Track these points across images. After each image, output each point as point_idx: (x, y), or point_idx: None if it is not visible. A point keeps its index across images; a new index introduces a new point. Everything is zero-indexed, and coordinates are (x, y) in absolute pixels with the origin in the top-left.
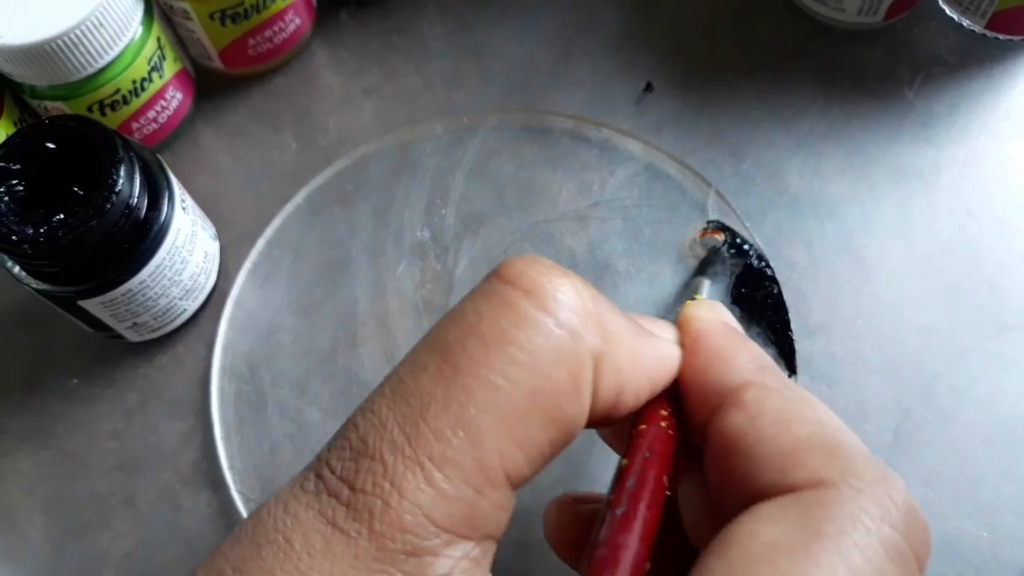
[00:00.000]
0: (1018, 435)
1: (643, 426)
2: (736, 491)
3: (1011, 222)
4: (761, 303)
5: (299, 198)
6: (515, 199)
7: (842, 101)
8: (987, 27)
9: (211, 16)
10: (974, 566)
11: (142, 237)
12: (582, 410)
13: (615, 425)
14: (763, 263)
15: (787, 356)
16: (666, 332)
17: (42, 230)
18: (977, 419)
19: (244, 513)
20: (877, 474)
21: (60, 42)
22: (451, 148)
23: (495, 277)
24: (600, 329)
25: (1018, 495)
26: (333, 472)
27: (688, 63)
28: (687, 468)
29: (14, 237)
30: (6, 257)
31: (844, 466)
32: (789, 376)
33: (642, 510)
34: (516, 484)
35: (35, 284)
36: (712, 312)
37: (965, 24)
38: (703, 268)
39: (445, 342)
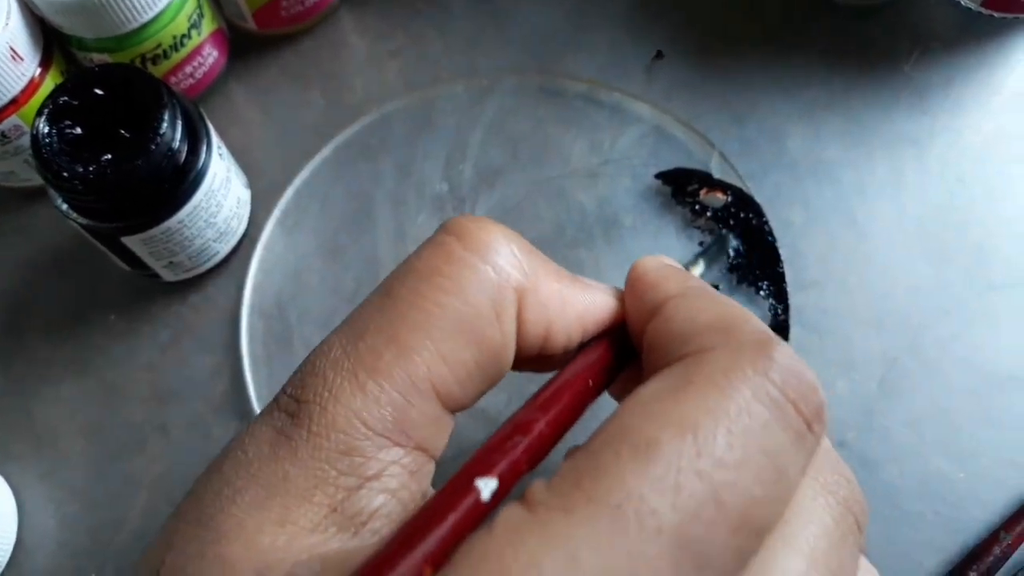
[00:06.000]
0: (997, 385)
1: (569, 362)
2: None
3: (999, 189)
4: (759, 257)
5: (326, 151)
6: (530, 155)
7: (843, 73)
8: (982, 5)
9: None
10: (951, 503)
11: (182, 179)
12: (504, 336)
13: (555, 367)
14: (762, 220)
15: (781, 307)
16: (604, 287)
17: (91, 168)
18: (959, 370)
19: None
20: (759, 339)
21: None
22: (470, 107)
23: (439, 230)
24: (524, 269)
25: (995, 440)
26: (285, 393)
27: (698, 33)
28: None
29: (65, 174)
30: (55, 194)
31: (729, 336)
32: (781, 320)
33: (540, 424)
34: (449, 403)
35: (82, 220)
36: (654, 259)
37: (962, 2)
38: (705, 252)
39: (389, 281)
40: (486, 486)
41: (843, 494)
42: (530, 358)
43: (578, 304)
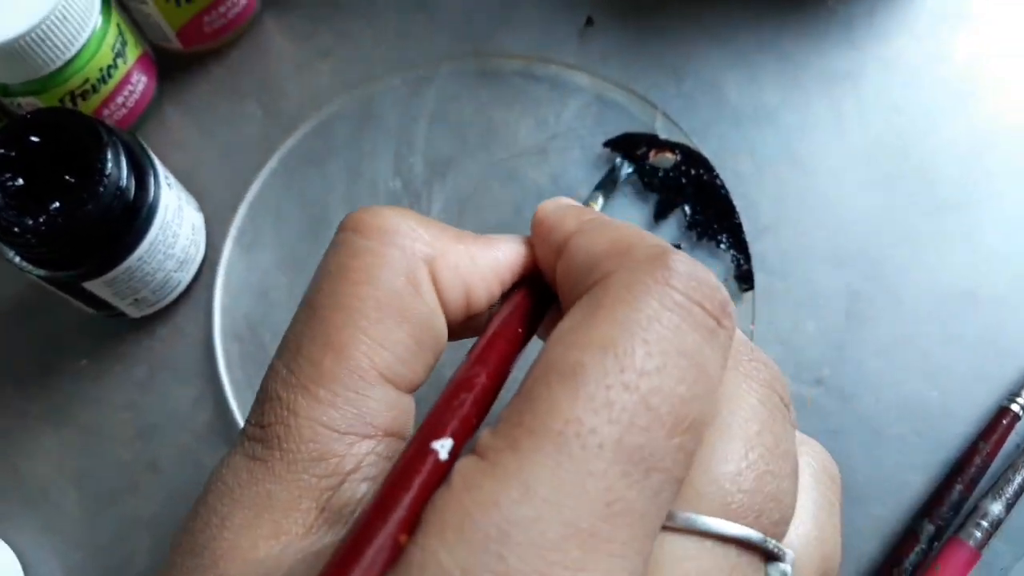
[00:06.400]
0: (957, 303)
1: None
2: None
3: (932, 113)
4: (715, 211)
5: (272, 163)
6: (477, 140)
7: (771, 15)
8: None
9: None
10: (928, 422)
11: (135, 216)
12: (428, 307)
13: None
14: (713, 174)
15: (743, 257)
16: (512, 237)
17: (41, 219)
18: (920, 293)
19: None
20: (655, 252)
21: (29, 39)
22: (411, 99)
23: (337, 230)
24: (427, 240)
25: (961, 357)
26: (250, 423)
27: None
28: None
29: (16, 229)
30: (7, 248)
31: (626, 257)
32: (744, 269)
33: (481, 378)
34: (401, 384)
35: (38, 272)
36: (553, 201)
37: None
38: (600, 185)
39: (307, 294)
40: (442, 447)
41: (763, 376)
42: (461, 323)
43: (488, 259)
